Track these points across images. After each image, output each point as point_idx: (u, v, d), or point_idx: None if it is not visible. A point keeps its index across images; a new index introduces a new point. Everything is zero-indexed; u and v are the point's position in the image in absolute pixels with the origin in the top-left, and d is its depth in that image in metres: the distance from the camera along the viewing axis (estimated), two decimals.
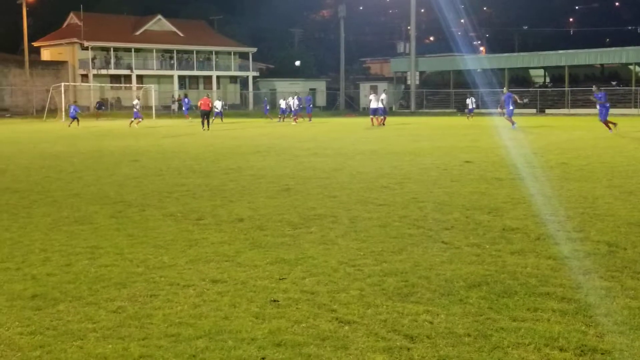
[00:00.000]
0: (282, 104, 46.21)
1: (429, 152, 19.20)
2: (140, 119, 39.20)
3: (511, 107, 31.76)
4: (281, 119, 44.93)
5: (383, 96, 39.64)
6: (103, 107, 55.97)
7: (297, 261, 6.75)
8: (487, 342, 4.59)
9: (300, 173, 14.35)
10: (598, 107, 28.06)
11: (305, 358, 4.34)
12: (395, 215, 9.22)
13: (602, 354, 4.37)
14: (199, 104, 35.36)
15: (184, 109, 49.91)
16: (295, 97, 46.16)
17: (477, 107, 50.65)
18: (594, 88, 30.61)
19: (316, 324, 4.97)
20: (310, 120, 45.94)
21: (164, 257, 6.96)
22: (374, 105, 38.40)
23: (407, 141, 23.89)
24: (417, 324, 4.96)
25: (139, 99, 42.09)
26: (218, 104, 41.48)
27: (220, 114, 41.29)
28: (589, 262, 6.58)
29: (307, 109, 47.46)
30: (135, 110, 40.02)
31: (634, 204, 9.82)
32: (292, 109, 44.38)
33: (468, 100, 48.61)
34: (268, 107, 51.20)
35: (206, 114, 33.84)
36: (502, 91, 34.99)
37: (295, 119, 43.35)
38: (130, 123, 38.71)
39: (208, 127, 33.27)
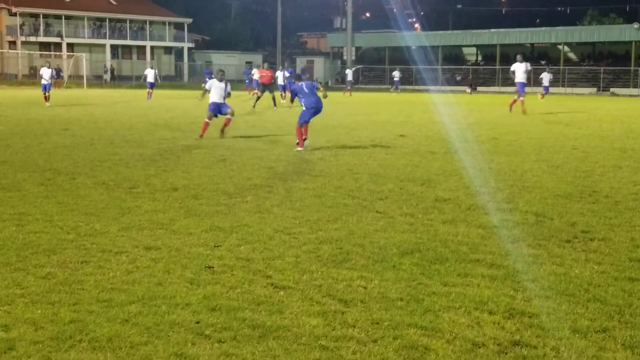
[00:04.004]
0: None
1: (364, 126, 19.32)
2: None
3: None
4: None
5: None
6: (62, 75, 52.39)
7: (233, 229, 6.73)
8: (419, 305, 4.69)
9: (236, 144, 14.24)
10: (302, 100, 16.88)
11: (240, 322, 4.34)
12: (331, 185, 9.28)
13: (529, 317, 4.52)
14: (259, 76, 30.05)
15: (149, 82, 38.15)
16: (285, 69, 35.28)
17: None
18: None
19: (251, 290, 4.97)
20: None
21: (96, 225, 6.82)
22: (522, 78, 24.68)
23: (343, 115, 23.96)
24: (351, 289, 5.02)
25: (153, 68, 38.48)
26: (150, 74, 39.52)
27: (152, 85, 39.10)
28: (518, 231, 6.79)
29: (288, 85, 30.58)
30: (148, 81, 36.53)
31: (560, 177, 10.16)
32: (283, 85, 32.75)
33: (395, 73, 50.26)
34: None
35: (267, 88, 28.77)
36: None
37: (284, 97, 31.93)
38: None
39: (274, 103, 28.13)
